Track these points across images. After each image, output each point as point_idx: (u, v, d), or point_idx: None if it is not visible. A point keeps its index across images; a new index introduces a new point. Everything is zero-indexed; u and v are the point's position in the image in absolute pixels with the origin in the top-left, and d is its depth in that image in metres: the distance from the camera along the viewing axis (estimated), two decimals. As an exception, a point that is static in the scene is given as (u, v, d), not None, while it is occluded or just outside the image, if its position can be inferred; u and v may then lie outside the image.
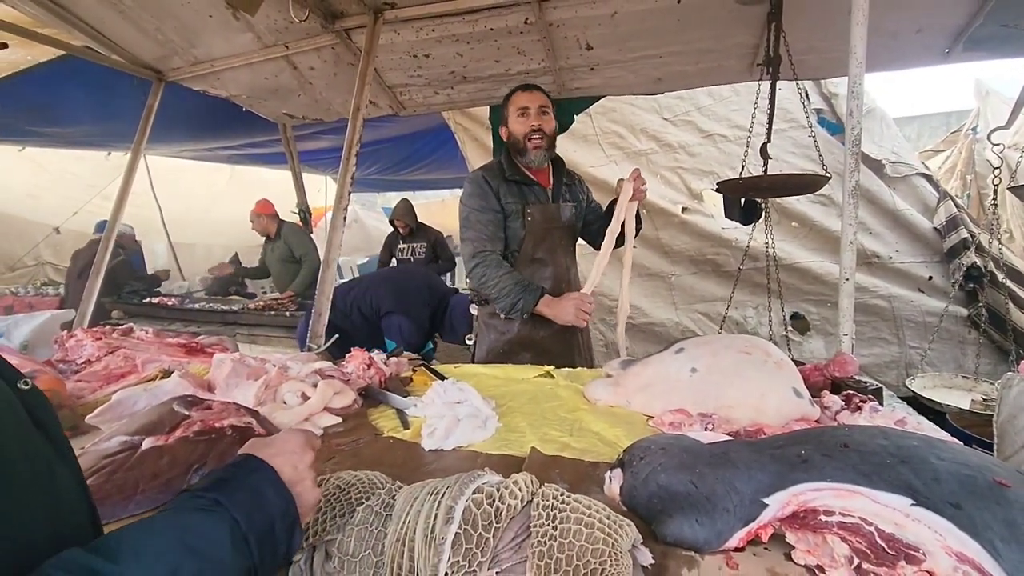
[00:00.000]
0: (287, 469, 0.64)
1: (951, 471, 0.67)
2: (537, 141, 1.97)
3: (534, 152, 1.98)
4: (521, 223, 2.00)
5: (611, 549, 0.64)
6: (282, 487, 0.62)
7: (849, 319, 1.47)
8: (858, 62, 1.43)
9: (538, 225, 2.01)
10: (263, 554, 0.56)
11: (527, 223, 1.99)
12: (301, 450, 0.67)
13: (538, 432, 1.19)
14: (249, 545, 0.55)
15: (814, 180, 2.07)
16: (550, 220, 2.04)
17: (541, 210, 2.02)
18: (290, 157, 4.49)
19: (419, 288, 3.00)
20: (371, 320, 2.90)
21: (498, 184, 2.00)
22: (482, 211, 1.96)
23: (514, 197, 2.00)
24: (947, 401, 2.80)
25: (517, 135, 2.00)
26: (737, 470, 0.78)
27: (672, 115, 4.40)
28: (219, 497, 0.56)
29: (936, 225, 3.97)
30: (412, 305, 2.91)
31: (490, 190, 1.98)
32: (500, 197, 1.99)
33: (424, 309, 2.96)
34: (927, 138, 8.72)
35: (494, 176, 2.02)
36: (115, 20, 2.62)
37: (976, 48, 2.44)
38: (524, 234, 2.00)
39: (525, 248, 2.01)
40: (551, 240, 2.05)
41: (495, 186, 1.99)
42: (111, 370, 1.55)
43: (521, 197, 2.01)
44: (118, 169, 2.93)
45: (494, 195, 1.98)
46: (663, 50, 2.71)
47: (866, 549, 0.65)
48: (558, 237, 2.07)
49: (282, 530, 0.59)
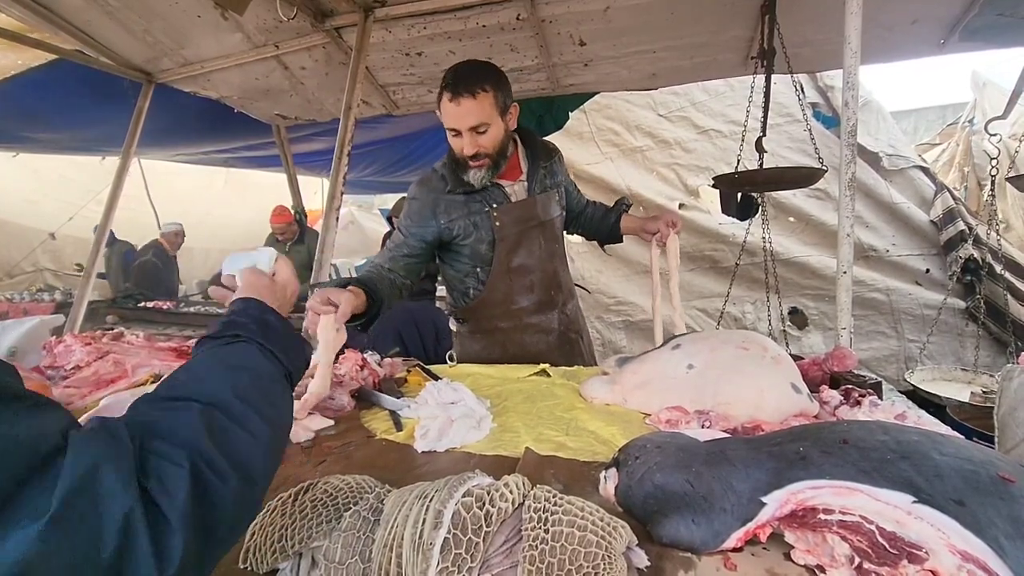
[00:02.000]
0: (266, 294, 0.77)
1: (953, 467, 0.65)
2: (479, 163, 1.59)
3: (474, 174, 1.62)
4: (480, 236, 1.70)
5: (604, 552, 0.62)
6: (273, 311, 0.74)
7: (847, 313, 1.46)
8: (853, 52, 1.42)
9: (510, 229, 1.70)
10: (291, 360, 0.69)
11: (496, 228, 1.68)
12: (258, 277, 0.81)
13: (533, 432, 1.17)
14: (277, 357, 0.67)
15: (810, 173, 2.06)
16: (526, 219, 1.72)
17: (509, 210, 1.70)
18: (284, 159, 4.47)
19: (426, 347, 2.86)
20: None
21: (435, 200, 1.67)
22: (403, 231, 1.69)
23: (460, 212, 1.67)
24: (947, 394, 2.79)
25: (455, 152, 1.63)
26: (734, 468, 0.76)
27: (667, 111, 4.39)
28: (234, 332, 0.67)
29: (933, 218, 3.96)
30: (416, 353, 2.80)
31: (428, 211, 1.67)
32: (437, 217, 1.67)
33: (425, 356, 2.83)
34: (923, 131, 8.70)
35: (431, 190, 1.69)
36: (102, 22, 2.59)
37: (972, 38, 2.43)
38: (493, 243, 1.71)
39: (497, 259, 1.71)
40: (529, 242, 1.74)
41: (432, 205, 1.67)
42: (100, 375, 1.52)
43: (477, 206, 1.68)
44: (113, 174, 2.91)
45: (431, 215, 1.67)
46: (657, 45, 2.69)
47: (867, 548, 0.63)
48: (538, 237, 1.76)
49: (291, 338, 0.72)
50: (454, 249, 1.75)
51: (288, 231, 4.93)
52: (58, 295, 5.18)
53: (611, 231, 1.96)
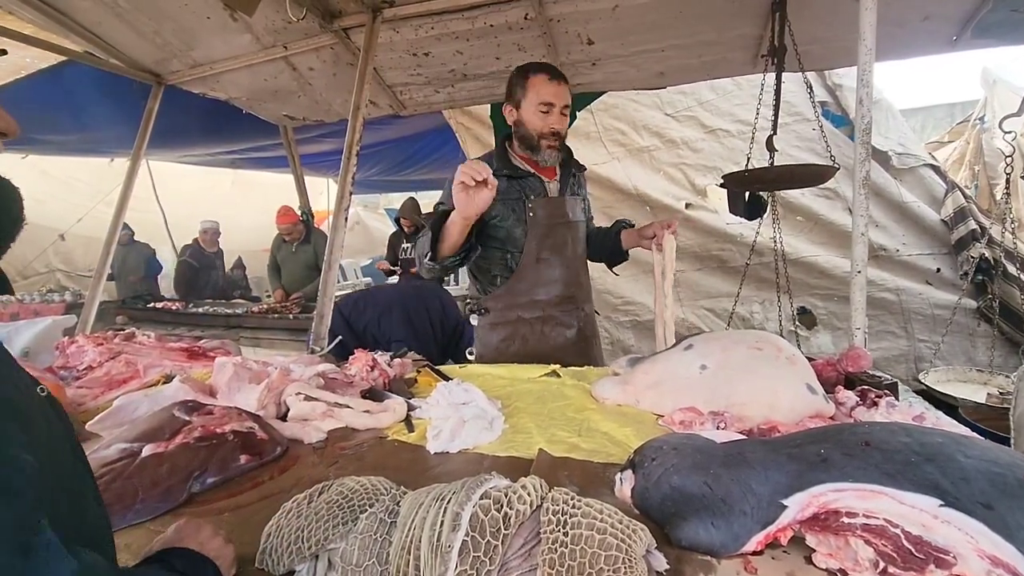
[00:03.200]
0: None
1: (980, 469, 0.64)
2: (553, 143, 1.76)
3: (547, 152, 1.77)
4: (516, 220, 1.79)
5: (625, 555, 0.61)
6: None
7: (862, 312, 1.44)
8: (867, 49, 1.40)
9: (542, 221, 1.80)
10: None
11: (529, 218, 1.79)
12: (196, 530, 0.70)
13: (545, 433, 1.16)
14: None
15: (822, 171, 2.04)
16: (556, 215, 1.84)
17: (544, 204, 1.81)
18: (291, 160, 4.48)
19: (432, 321, 2.89)
20: (382, 344, 2.84)
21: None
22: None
23: (502, 194, 1.73)
24: (962, 395, 2.76)
25: (531, 129, 1.75)
26: (753, 470, 0.75)
27: (675, 111, 4.37)
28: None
29: (944, 217, 3.92)
30: (422, 339, 2.82)
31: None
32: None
33: (433, 343, 2.86)
34: (931, 130, 8.61)
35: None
36: (112, 23, 2.61)
37: (985, 35, 2.40)
38: (526, 231, 1.80)
39: (528, 248, 1.80)
40: (557, 237, 1.84)
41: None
42: (112, 376, 1.53)
43: (516, 192, 1.79)
44: (122, 175, 2.93)
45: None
46: (665, 44, 2.68)
47: (892, 552, 0.62)
48: (566, 234, 1.87)
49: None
50: (488, 232, 1.81)
51: (294, 231, 4.95)
52: (68, 296, 5.22)
53: (614, 248, 2.02)
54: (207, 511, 0.89)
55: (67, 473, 0.53)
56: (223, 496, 0.94)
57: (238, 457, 1.01)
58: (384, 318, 2.82)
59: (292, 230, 4.93)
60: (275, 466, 1.05)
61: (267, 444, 1.08)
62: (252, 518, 0.85)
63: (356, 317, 2.77)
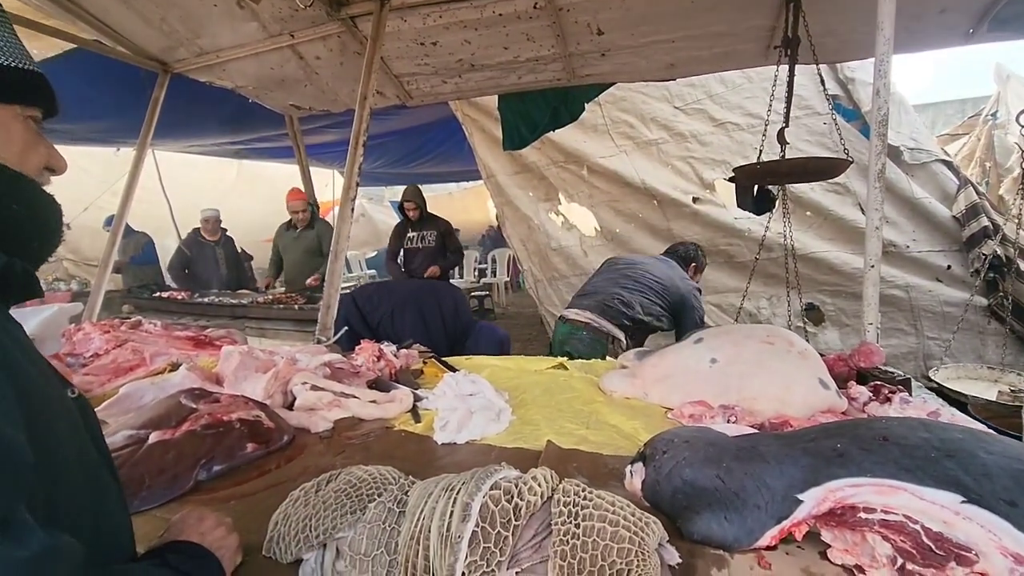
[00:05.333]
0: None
1: (1002, 466, 0.62)
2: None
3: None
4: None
5: (638, 548, 0.60)
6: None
7: (874, 308, 1.42)
8: (886, 40, 1.37)
9: None
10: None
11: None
12: (199, 521, 0.70)
13: (553, 425, 1.15)
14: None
15: (835, 164, 2.01)
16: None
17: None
18: (297, 150, 4.46)
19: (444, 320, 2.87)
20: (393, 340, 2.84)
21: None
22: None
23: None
24: (973, 392, 2.73)
25: None
26: (767, 464, 0.74)
27: (683, 103, 4.31)
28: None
29: (955, 213, 3.86)
30: (434, 338, 2.81)
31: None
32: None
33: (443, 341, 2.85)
34: (941, 125, 8.50)
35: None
36: (119, 10, 2.59)
37: (1002, 28, 2.35)
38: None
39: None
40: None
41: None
42: (119, 363, 1.53)
43: None
44: (128, 164, 2.92)
45: None
46: (675, 34, 2.64)
47: (911, 549, 0.61)
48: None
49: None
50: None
51: (304, 213, 4.86)
52: (75, 284, 5.23)
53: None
54: (213, 499, 0.89)
55: (90, 476, 0.54)
56: (230, 484, 0.94)
57: (245, 445, 1.01)
58: (398, 314, 2.81)
59: (303, 207, 4.84)
60: (282, 455, 1.05)
61: (274, 433, 1.07)
62: (259, 506, 0.85)
63: (371, 310, 2.77)
